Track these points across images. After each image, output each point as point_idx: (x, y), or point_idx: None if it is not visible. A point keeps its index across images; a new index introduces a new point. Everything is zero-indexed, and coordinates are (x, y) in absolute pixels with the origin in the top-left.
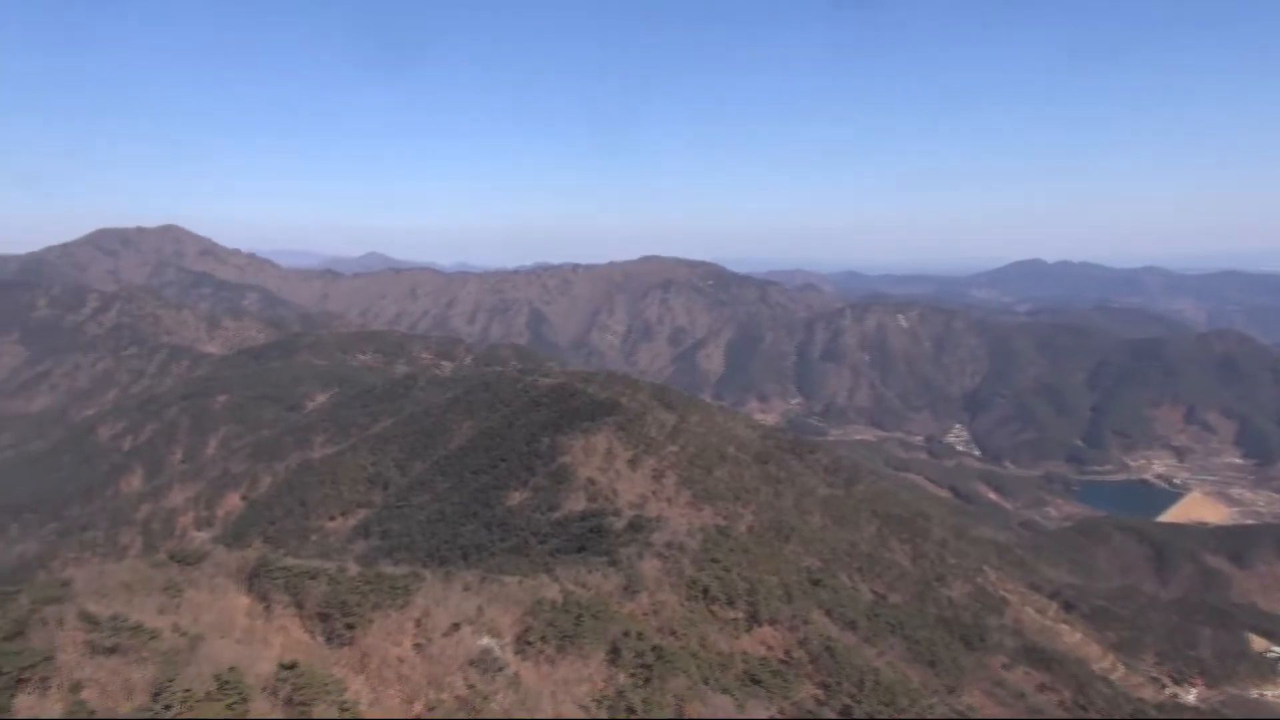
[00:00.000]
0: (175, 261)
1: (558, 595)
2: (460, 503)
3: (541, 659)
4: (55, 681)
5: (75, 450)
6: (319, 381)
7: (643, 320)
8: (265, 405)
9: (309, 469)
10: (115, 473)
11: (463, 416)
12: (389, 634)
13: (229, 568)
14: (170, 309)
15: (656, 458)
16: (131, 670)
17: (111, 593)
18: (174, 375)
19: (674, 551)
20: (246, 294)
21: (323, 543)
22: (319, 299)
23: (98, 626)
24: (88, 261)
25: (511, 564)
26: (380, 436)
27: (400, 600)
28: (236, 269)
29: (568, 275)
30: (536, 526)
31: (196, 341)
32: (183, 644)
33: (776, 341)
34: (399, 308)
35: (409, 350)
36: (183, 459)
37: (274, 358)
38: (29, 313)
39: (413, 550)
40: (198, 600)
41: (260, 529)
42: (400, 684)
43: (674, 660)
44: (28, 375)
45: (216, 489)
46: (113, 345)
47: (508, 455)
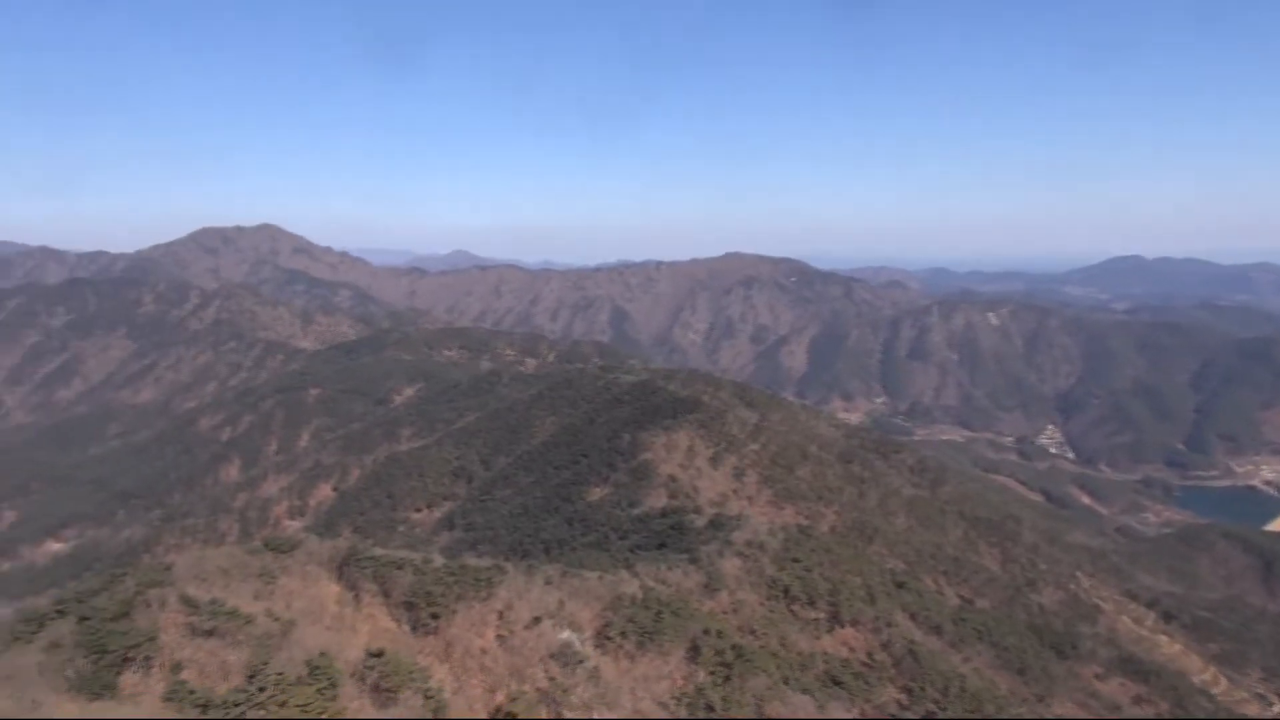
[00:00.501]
0: (272, 259)
1: (638, 591)
2: (542, 497)
3: (621, 654)
4: (158, 661)
5: (178, 440)
6: (406, 376)
7: (725, 317)
8: (355, 399)
9: (396, 462)
10: (214, 462)
11: (545, 412)
12: (472, 625)
13: (320, 556)
14: (266, 305)
15: (738, 456)
16: (228, 653)
17: (210, 578)
18: (269, 369)
19: (755, 550)
20: (338, 291)
21: (409, 534)
22: (407, 296)
23: (197, 610)
24: (190, 260)
25: (592, 559)
26: (465, 431)
27: (483, 592)
28: (329, 267)
29: (650, 272)
30: (617, 522)
31: (291, 337)
32: (276, 629)
33: (861, 339)
34: (484, 304)
35: (493, 346)
36: (277, 450)
37: (364, 353)
38: (136, 309)
39: (496, 543)
40: (290, 587)
41: (350, 519)
42: (483, 674)
43: (754, 659)
44: (134, 368)
45: (309, 480)
46: (213, 340)
47: (589, 451)
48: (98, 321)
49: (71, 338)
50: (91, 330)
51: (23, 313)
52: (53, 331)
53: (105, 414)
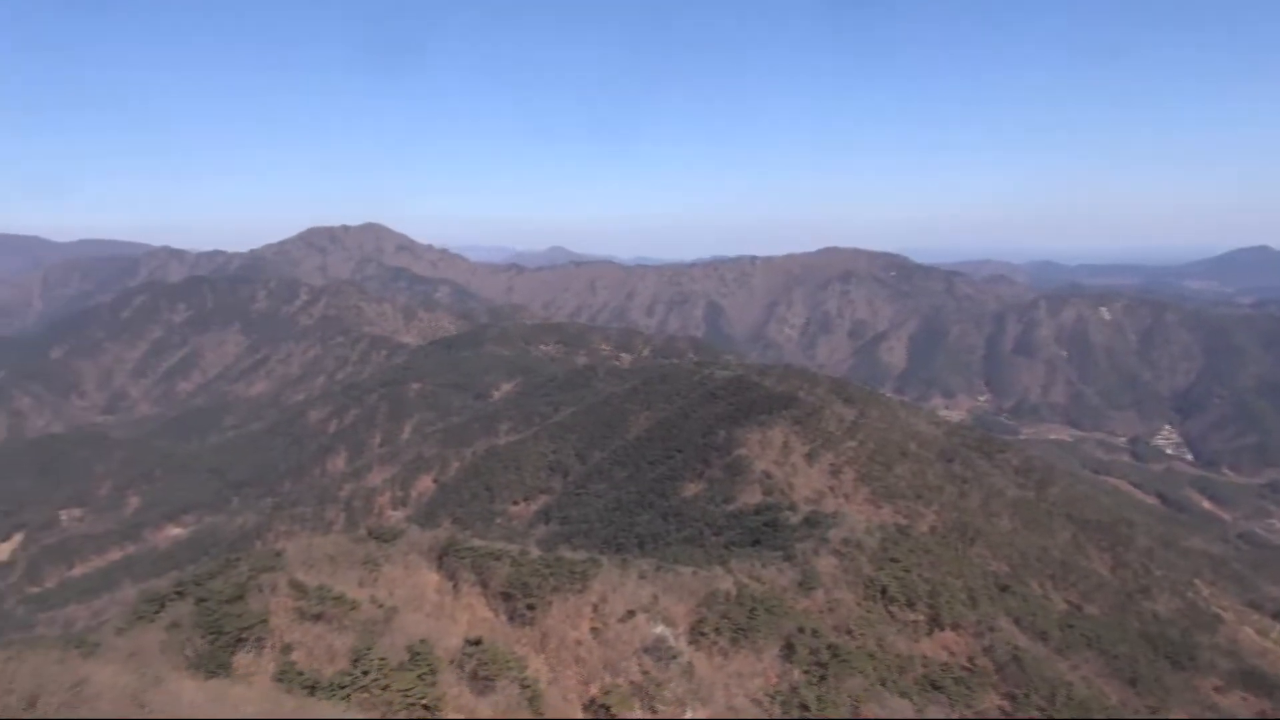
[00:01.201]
0: (376, 257)
1: (732, 588)
2: (637, 492)
3: (714, 650)
4: (269, 642)
5: (288, 432)
6: (504, 371)
7: (822, 312)
8: (455, 393)
9: (495, 455)
10: (322, 453)
11: (640, 407)
12: (567, 617)
13: (421, 546)
14: (371, 301)
15: (834, 453)
16: (334, 637)
17: (318, 564)
18: (374, 363)
19: (851, 549)
20: (439, 287)
21: (506, 526)
22: (505, 292)
23: (306, 595)
24: (300, 258)
25: (686, 554)
26: (561, 425)
27: (578, 585)
28: (430, 264)
29: (745, 267)
30: (711, 518)
31: (394, 332)
32: (379, 615)
33: (963, 335)
34: (580, 300)
35: (589, 342)
36: (381, 442)
37: (463, 348)
38: (249, 305)
39: (590, 537)
40: (393, 575)
41: (449, 510)
42: (577, 666)
43: (850, 659)
44: (248, 362)
45: (411, 471)
46: (321, 335)
47: (684, 447)
48: (215, 317)
49: (191, 333)
50: (209, 326)
51: (147, 309)
52: (174, 327)
53: (221, 406)
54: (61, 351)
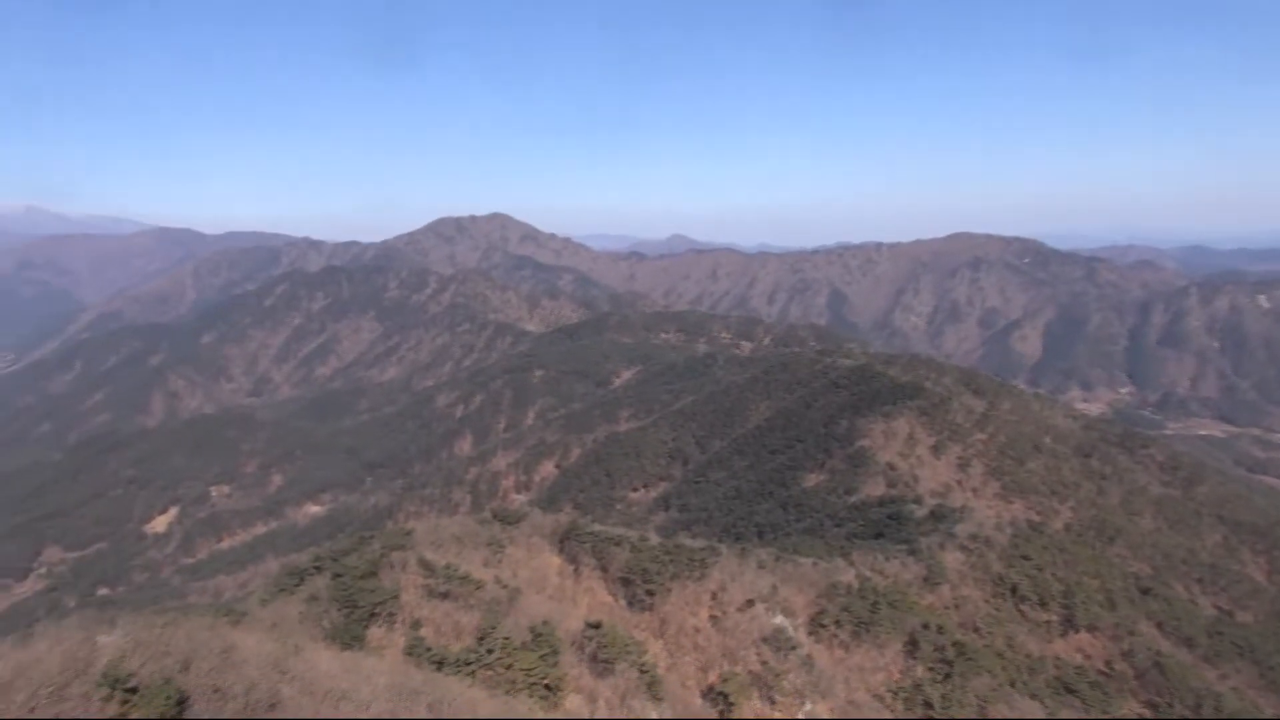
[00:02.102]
0: (502, 246)
1: (853, 580)
2: (756, 481)
3: (835, 643)
4: (400, 618)
5: (417, 416)
6: (625, 359)
7: (950, 300)
8: (577, 380)
9: (615, 442)
10: (450, 437)
11: (761, 396)
12: (686, 604)
13: (544, 529)
14: (497, 289)
15: (962, 445)
16: (460, 615)
17: (445, 544)
18: (499, 350)
19: (980, 545)
20: (562, 275)
21: (626, 512)
22: (626, 280)
23: (434, 573)
24: (430, 247)
25: (806, 545)
26: (681, 413)
27: (697, 572)
28: (554, 252)
29: (870, 254)
30: (832, 509)
31: (519, 320)
32: (503, 595)
33: (1104, 324)
34: (700, 288)
35: (709, 330)
36: (505, 428)
37: (585, 336)
38: (383, 293)
39: (710, 525)
40: (516, 557)
41: (570, 495)
42: (696, 653)
43: (977, 658)
44: (381, 349)
45: (534, 456)
46: (449, 322)
47: (805, 436)
48: (351, 305)
49: (328, 320)
50: (345, 313)
51: (288, 298)
52: (313, 314)
53: (356, 390)
54: (212, 338)
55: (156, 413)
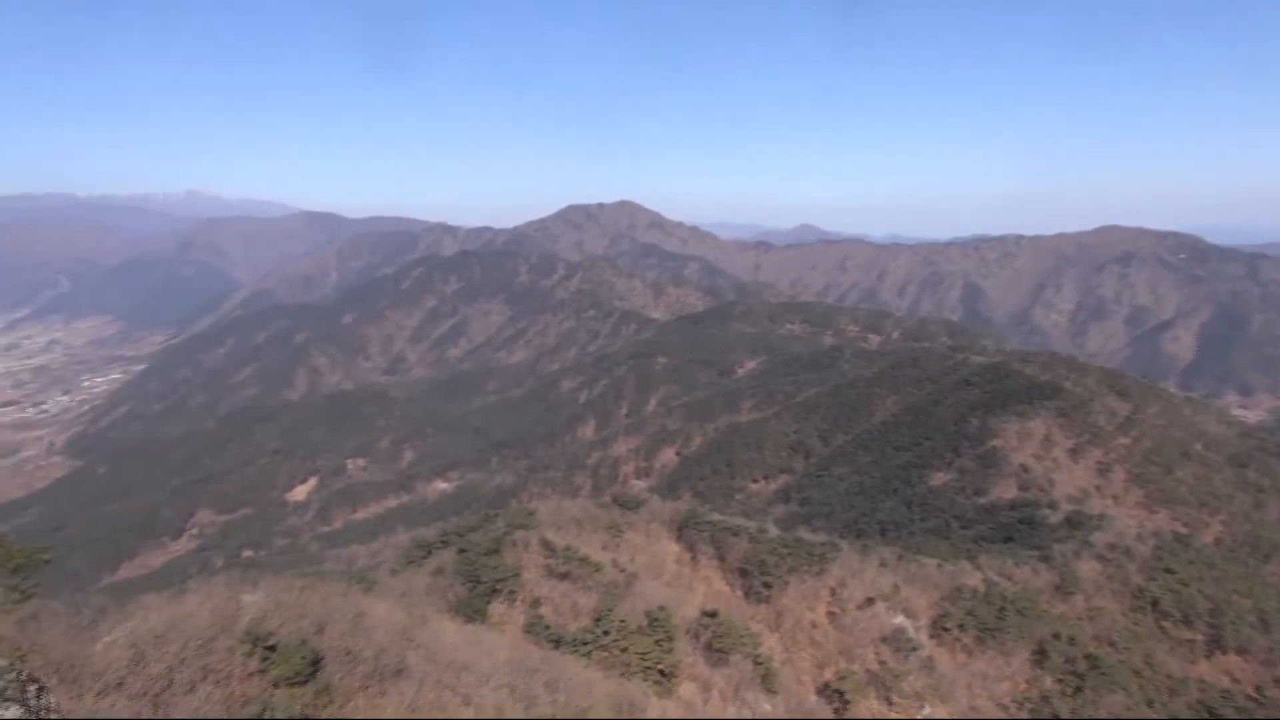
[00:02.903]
0: (629, 234)
1: (980, 584)
2: (880, 478)
3: (958, 647)
4: (520, 595)
5: (543, 399)
6: (749, 349)
7: (1095, 297)
8: (700, 369)
9: (736, 432)
10: (573, 421)
11: (887, 391)
12: (804, 598)
13: (662, 516)
14: (623, 277)
15: (1103, 449)
16: (579, 596)
17: (566, 526)
18: (623, 337)
19: (1119, 555)
20: (688, 264)
21: (745, 503)
22: (752, 269)
23: (554, 554)
24: (559, 234)
25: (930, 545)
26: (804, 405)
27: (816, 567)
28: (680, 241)
29: (1009, 247)
30: (960, 510)
31: (643, 307)
32: (621, 579)
33: (1269, 325)
34: (828, 279)
35: (836, 322)
36: (628, 413)
37: (709, 324)
38: (513, 279)
39: (830, 520)
40: (634, 542)
41: (690, 484)
42: (812, 648)
43: (1111, 673)
44: (509, 332)
45: (655, 443)
46: (575, 308)
47: (933, 434)
48: (482, 289)
49: (460, 303)
50: (477, 297)
51: (423, 281)
52: (446, 297)
53: (485, 371)
54: (352, 318)
55: (300, 387)
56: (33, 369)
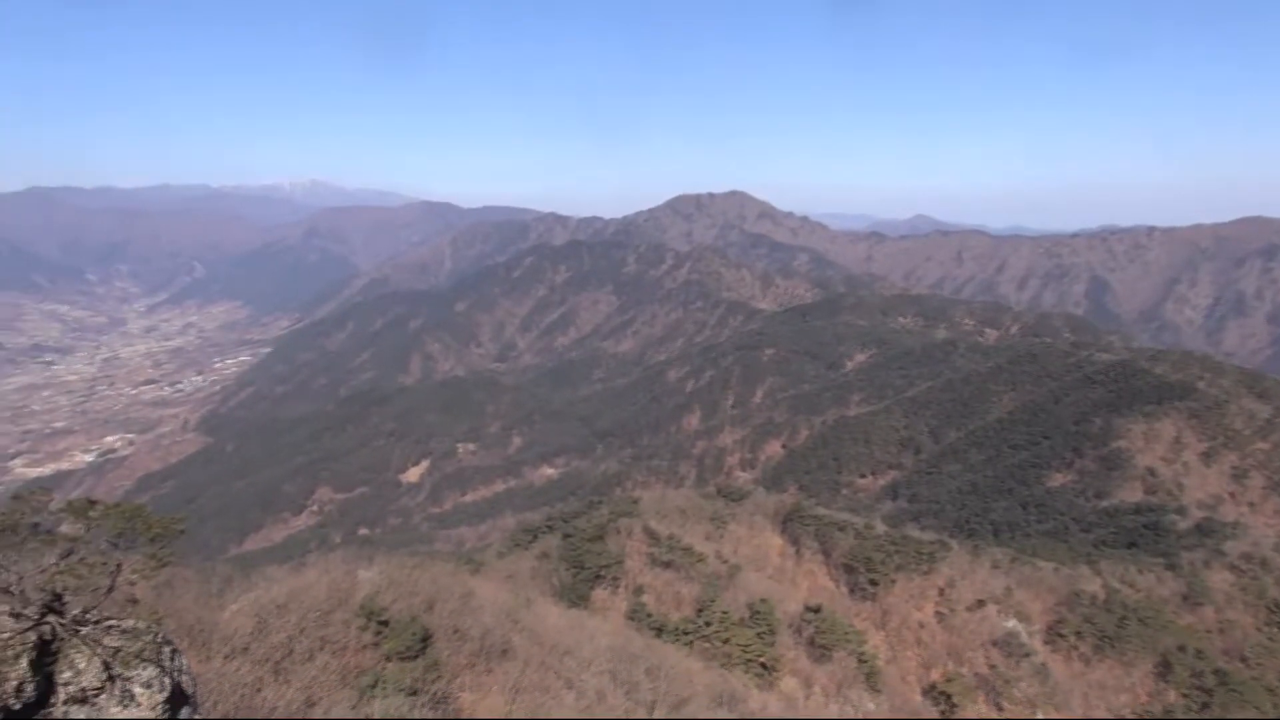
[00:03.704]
0: (738, 224)
1: (1099, 590)
2: (994, 477)
3: (1074, 655)
4: (623, 582)
5: (648, 389)
6: (859, 341)
7: (1235, 292)
8: (807, 361)
9: (844, 426)
10: (678, 411)
11: (1004, 387)
12: (911, 597)
13: (767, 509)
14: (731, 267)
15: (1239, 454)
16: (681, 585)
17: (670, 515)
18: (730, 328)
19: (1254, 566)
20: (797, 255)
21: (851, 498)
22: (864, 261)
23: (658, 542)
24: (668, 224)
25: (1047, 548)
26: (915, 400)
27: (925, 566)
28: (790, 231)
29: (1140, 239)
30: (1079, 513)
31: (751, 298)
32: (723, 570)
33: None
34: (943, 271)
35: (951, 315)
36: (733, 405)
37: (818, 316)
38: (620, 268)
39: (940, 518)
40: (738, 534)
41: (795, 477)
42: (919, 648)
43: (1242, 690)
44: (617, 321)
45: (760, 435)
46: (682, 298)
47: (1051, 433)
48: (590, 279)
49: (569, 292)
50: (585, 286)
51: (534, 270)
52: (556, 286)
53: (592, 360)
54: (465, 305)
55: (414, 372)
56: (170, 350)
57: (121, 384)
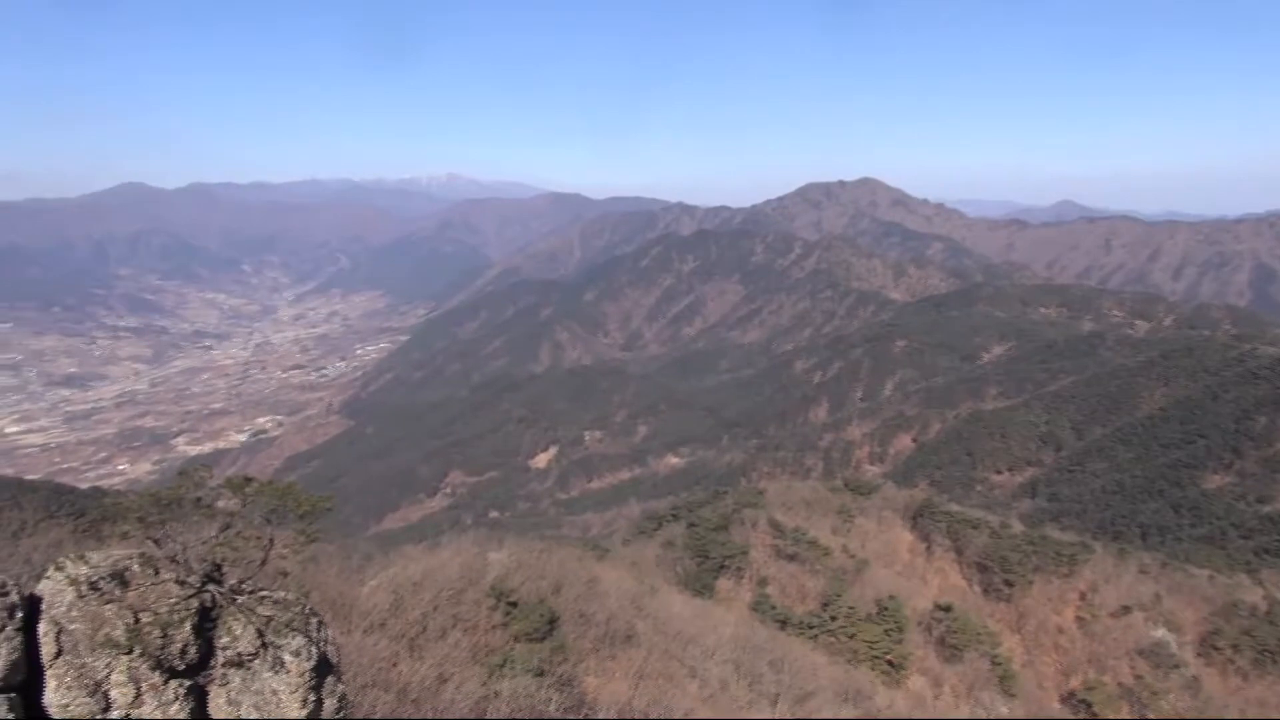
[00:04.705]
0: (870, 212)
1: (1260, 601)
2: (1143, 477)
3: (1230, 669)
4: (748, 574)
5: (775, 379)
6: (997, 333)
7: None
8: (941, 353)
9: (979, 420)
10: (805, 403)
11: (1156, 382)
12: (1049, 600)
13: (896, 503)
14: (862, 256)
15: None
16: (806, 579)
17: (794, 507)
18: (860, 318)
19: None
20: (931, 243)
21: (986, 495)
22: (1004, 249)
23: (783, 535)
24: (796, 213)
25: (1201, 555)
26: (1057, 395)
27: (1065, 568)
28: (924, 219)
29: None
30: (1239, 518)
31: (882, 288)
32: (850, 565)
33: None
34: (1090, 260)
35: (1097, 306)
36: (862, 397)
37: (953, 307)
38: (748, 258)
39: (1082, 519)
40: (865, 528)
41: (927, 472)
42: (1057, 654)
43: None
44: (743, 311)
45: (890, 428)
46: (810, 288)
47: (1208, 431)
48: (717, 268)
49: (696, 282)
50: (712, 276)
51: (660, 259)
52: (682, 276)
53: (718, 350)
54: (593, 295)
55: (544, 360)
56: (316, 337)
57: (272, 368)
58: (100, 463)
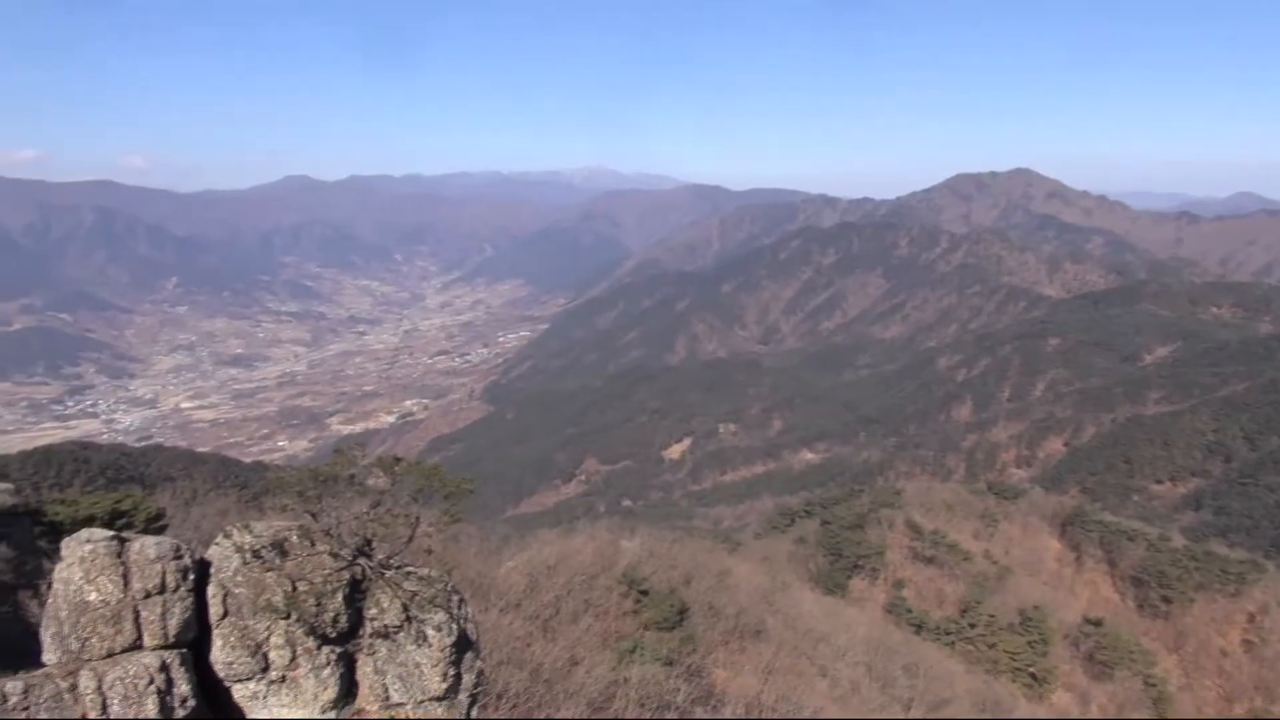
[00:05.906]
0: (1023, 204)
1: None
2: None
3: None
4: (883, 574)
5: (917, 376)
6: (1161, 333)
7: None
8: (1098, 353)
9: (1139, 425)
10: (948, 401)
11: None
12: (1213, 620)
13: (1044, 510)
14: (1013, 250)
15: None
16: (944, 583)
17: (934, 509)
18: (1009, 315)
19: None
20: (1091, 237)
21: (1144, 505)
22: (1171, 244)
23: (921, 537)
24: (944, 205)
25: None
26: (1228, 401)
27: (1232, 587)
28: (1083, 211)
29: None
30: None
31: (1035, 283)
32: (992, 572)
33: None
34: (1271, 256)
35: (1278, 306)
36: (1010, 397)
37: (1113, 304)
38: (892, 251)
39: (1253, 535)
40: (1010, 534)
41: (1079, 478)
42: (1220, 678)
43: None
44: (885, 306)
45: (1039, 431)
46: (957, 283)
47: None
48: (859, 262)
49: (836, 275)
50: (853, 269)
51: (800, 252)
52: (822, 269)
53: (857, 345)
54: (730, 287)
55: (679, 352)
56: (461, 324)
57: (419, 354)
58: (262, 438)
